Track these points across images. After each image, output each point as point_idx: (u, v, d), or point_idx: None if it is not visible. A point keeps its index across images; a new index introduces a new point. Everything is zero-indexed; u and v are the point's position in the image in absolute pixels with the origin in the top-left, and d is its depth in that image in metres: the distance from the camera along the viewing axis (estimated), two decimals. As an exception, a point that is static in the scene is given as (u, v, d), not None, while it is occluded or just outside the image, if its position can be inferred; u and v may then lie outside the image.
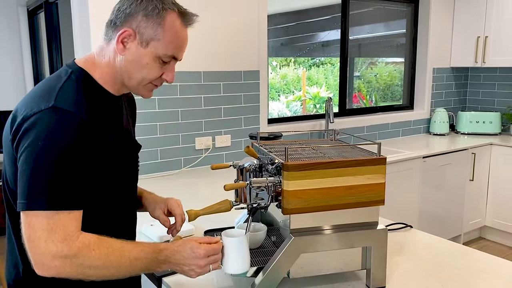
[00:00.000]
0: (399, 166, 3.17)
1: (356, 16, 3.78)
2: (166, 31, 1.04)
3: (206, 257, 1.06)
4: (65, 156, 0.93)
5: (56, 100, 0.96)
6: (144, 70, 1.06)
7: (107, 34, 1.08)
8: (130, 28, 1.03)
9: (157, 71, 1.07)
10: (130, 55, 1.05)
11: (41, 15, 4.19)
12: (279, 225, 1.39)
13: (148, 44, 1.04)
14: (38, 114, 0.94)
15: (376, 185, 1.22)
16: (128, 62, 1.06)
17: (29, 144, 0.93)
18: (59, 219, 0.92)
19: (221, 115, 2.89)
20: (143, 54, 1.05)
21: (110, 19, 1.07)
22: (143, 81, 1.08)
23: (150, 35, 1.03)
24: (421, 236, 1.68)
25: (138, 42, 1.04)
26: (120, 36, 1.03)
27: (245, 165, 1.32)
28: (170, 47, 1.06)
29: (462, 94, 4.48)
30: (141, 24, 1.03)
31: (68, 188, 0.94)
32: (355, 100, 4.08)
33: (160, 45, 1.04)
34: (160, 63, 1.07)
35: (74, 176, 0.95)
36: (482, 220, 3.89)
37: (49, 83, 1.03)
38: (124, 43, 1.04)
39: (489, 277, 1.35)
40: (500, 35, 3.84)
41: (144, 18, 1.03)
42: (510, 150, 3.67)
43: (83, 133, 0.96)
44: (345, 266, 1.27)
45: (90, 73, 1.07)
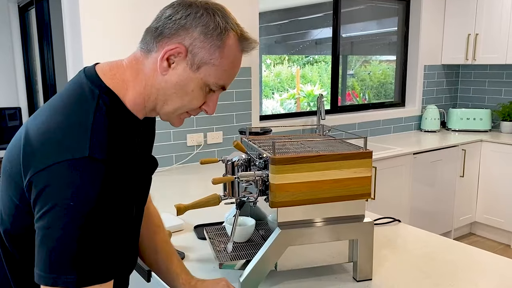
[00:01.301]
0: (390, 162, 3.19)
1: (348, 14, 3.80)
2: (224, 57, 0.87)
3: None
4: (101, 218, 0.74)
5: (91, 147, 0.76)
6: (186, 98, 0.88)
7: (147, 43, 0.88)
8: (182, 45, 0.84)
9: (200, 100, 0.90)
10: (175, 76, 0.86)
11: (32, 11, 4.17)
12: (267, 219, 1.41)
13: (200, 68, 0.86)
14: (69, 163, 0.74)
15: (362, 179, 1.24)
16: (170, 85, 0.87)
17: (58, 202, 0.73)
18: None
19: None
20: (190, 78, 0.86)
21: (154, 26, 0.87)
22: (180, 109, 0.90)
23: (204, 58, 0.85)
24: (409, 230, 1.70)
25: (188, 63, 0.86)
26: (167, 52, 0.85)
27: (233, 160, 1.33)
28: (224, 76, 0.89)
29: (453, 91, 4.52)
30: (196, 42, 0.85)
31: (104, 256, 0.76)
32: (349, 98, 4.10)
33: (214, 72, 0.87)
34: (206, 92, 0.90)
35: (111, 239, 0.77)
36: (472, 216, 3.93)
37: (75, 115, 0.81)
38: (170, 61, 0.86)
39: (477, 271, 1.37)
40: (491, 32, 3.88)
41: (201, 36, 0.85)
42: (500, 147, 3.71)
43: (116, 182, 0.77)
44: (332, 259, 1.28)
45: (120, 97, 0.86)
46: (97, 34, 2.39)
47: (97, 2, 2.39)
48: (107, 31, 2.41)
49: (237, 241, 1.38)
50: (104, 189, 0.75)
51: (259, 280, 1.21)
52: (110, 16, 2.41)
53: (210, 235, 1.45)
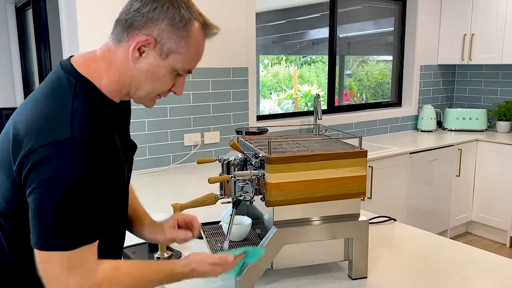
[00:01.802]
0: (387, 162, 3.21)
1: (344, 14, 3.81)
2: (190, 45, 0.95)
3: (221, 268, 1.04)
4: (83, 192, 0.85)
5: (73, 129, 0.85)
6: (158, 83, 0.97)
7: (118, 34, 0.96)
8: (151, 36, 0.92)
9: (170, 83, 0.99)
10: (146, 65, 0.95)
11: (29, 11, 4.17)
12: (263, 218, 1.42)
13: (168, 56, 0.94)
14: (51, 145, 0.83)
15: (357, 178, 1.25)
16: (142, 72, 0.95)
17: (44, 181, 0.83)
18: (78, 255, 0.86)
19: (210, 112, 2.91)
20: (160, 66, 0.95)
21: (124, 18, 0.94)
22: (152, 92, 0.99)
23: (172, 47, 0.94)
24: (405, 229, 1.71)
25: (157, 53, 0.94)
26: (138, 43, 0.93)
27: (230, 159, 1.34)
28: (190, 61, 0.98)
29: (449, 91, 4.54)
30: (164, 33, 0.93)
31: (87, 223, 0.87)
32: (346, 98, 4.11)
33: (181, 59, 0.96)
34: (174, 76, 0.99)
35: (93, 210, 0.88)
36: (469, 215, 3.95)
37: (54, 103, 0.90)
38: (141, 51, 0.94)
39: (473, 270, 1.38)
40: (486, 33, 3.90)
41: (168, 27, 0.93)
42: (495, 146, 3.73)
43: (98, 161, 0.87)
44: (328, 257, 1.30)
45: (95, 84, 0.94)
46: (94, 35, 2.40)
47: (95, 3, 2.40)
48: (104, 32, 2.42)
49: (234, 240, 1.39)
50: (87, 166, 0.84)
51: (255, 278, 1.22)
52: (107, 17, 2.41)
53: (207, 234, 1.46)
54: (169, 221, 1.22)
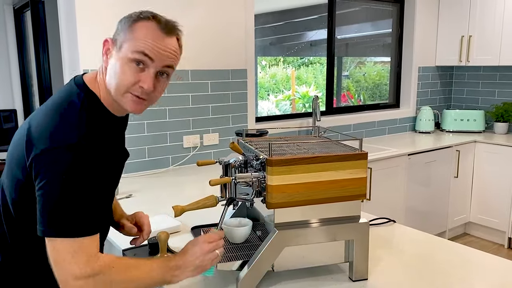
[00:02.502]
0: (385, 163, 3.22)
1: (342, 15, 3.82)
2: (136, 30, 1.05)
3: (209, 242, 1.13)
4: (87, 188, 0.98)
5: (78, 136, 0.99)
6: (120, 76, 1.05)
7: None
8: (110, 38, 1.09)
9: (130, 74, 1.05)
10: (110, 63, 1.08)
11: (27, 13, 4.16)
12: (264, 220, 1.42)
13: (121, 47, 1.06)
14: (61, 149, 0.97)
15: (358, 180, 1.25)
16: (108, 71, 1.08)
17: (52, 177, 0.96)
18: (82, 243, 0.98)
19: (209, 114, 2.91)
20: (117, 58, 1.06)
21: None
22: (120, 88, 1.06)
23: (122, 38, 1.06)
24: (404, 230, 1.72)
25: (115, 49, 1.07)
26: (103, 48, 1.09)
27: (230, 161, 1.34)
28: (139, 44, 1.04)
29: (447, 92, 4.55)
30: (118, 31, 1.08)
31: (91, 215, 1.00)
32: (344, 99, 4.12)
33: (130, 44, 1.05)
34: (135, 68, 1.05)
35: (96, 203, 1.01)
36: (467, 216, 3.96)
37: (65, 112, 1.03)
38: (108, 54, 1.08)
39: (471, 271, 1.39)
40: (484, 34, 3.91)
41: (119, 26, 1.08)
42: (493, 148, 3.74)
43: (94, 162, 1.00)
44: (329, 259, 1.30)
45: (97, 94, 1.09)
46: (93, 36, 2.40)
47: (94, 4, 2.40)
48: (103, 33, 2.41)
49: (235, 242, 1.39)
50: (86, 167, 0.98)
51: (256, 280, 1.22)
52: (106, 18, 2.41)
53: (207, 236, 1.46)
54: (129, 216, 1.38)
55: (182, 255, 1.12)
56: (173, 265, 1.09)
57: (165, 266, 1.08)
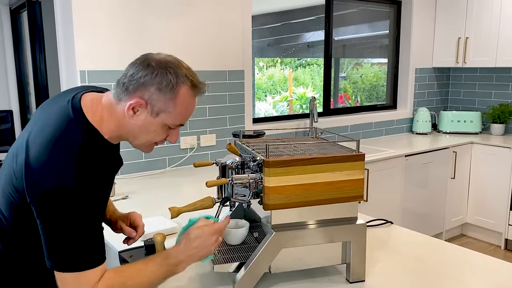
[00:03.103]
0: (382, 164, 3.22)
1: (340, 17, 3.83)
2: (177, 105, 1.08)
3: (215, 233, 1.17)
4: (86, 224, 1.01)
5: (77, 178, 0.99)
6: (151, 135, 1.12)
7: (117, 94, 1.10)
8: (142, 99, 1.07)
9: (163, 135, 1.14)
10: (139, 121, 1.09)
11: (24, 14, 4.15)
12: (261, 221, 1.42)
13: (158, 115, 1.09)
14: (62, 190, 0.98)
15: (355, 181, 1.25)
16: (136, 127, 1.10)
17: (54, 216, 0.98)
18: (85, 276, 1.02)
19: (206, 115, 2.91)
20: (152, 122, 1.10)
21: (122, 81, 1.09)
22: (147, 142, 1.15)
23: (161, 107, 1.08)
24: (401, 231, 1.71)
25: (148, 112, 1.08)
26: (131, 105, 1.07)
27: (227, 162, 1.34)
28: (179, 118, 1.11)
29: (444, 94, 4.56)
30: (154, 96, 1.07)
31: (91, 248, 1.03)
32: (341, 100, 4.13)
33: (170, 117, 1.10)
34: (167, 129, 1.13)
35: (95, 235, 1.04)
36: (464, 218, 3.96)
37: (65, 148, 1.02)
38: (135, 110, 1.08)
39: (468, 272, 1.39)
40: (480, 36, 3.92)
41: (157, 91, 1.06)
42: (490, 149, 3.75)
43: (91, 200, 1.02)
44: (326, 261, 1.29)
45: (99, 129, 1.09)
46: (89, 36, 2.39)
47: (90, 5, 2.39)
48: (100, 34, 2.41)
49: (231, 244, 1.39)
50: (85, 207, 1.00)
51: (253, 282, 1.22)
52: (102, 19, 2.41)
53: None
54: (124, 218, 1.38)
55: (185, 248, 1.14)
56: (173, 262, 1.12)
57: (165, 265, 1.11)
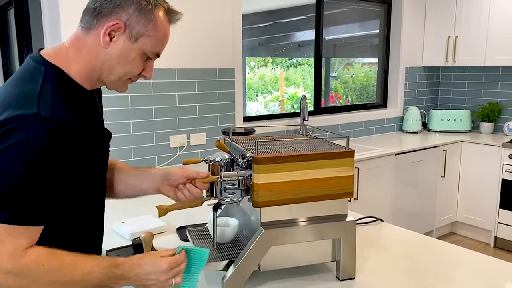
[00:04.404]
0: (373, 163, 3.22)
1: (330, 16, 3.82)
2: (157, 28, 1.01)
3: (169, 271, 0.99)
4: (37, 168, 0.87)
5: (39, 107, 0.88)
6: (129, 66, 1.01)
7: (87, 22, 0.99)
8: (121, 20, 0.97)
9: (140, 67, 1.04)
10: (116, 49, 0.99)
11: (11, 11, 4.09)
12: (251, 219, 1.40)
13: (137, 40, 0.99)
14: (19, 120, 0.86)
15: (344, 178, 1.24)
16: (113, 56, 0.99)
17: (6, 148, 0.86)
18: (13, 232, 0.86)
19: (196, 113, 2.88)
20: (130, 49, 1.00)
21: (92, 6, 0.98)
22: (124, 76, 1.03)
23: (140, 30, 0.99)
24: (392, 229, 1.71)
25: (127, 36, 0.98)
26: (109, 28, 0.97)
27: (216, 160, 1.32)
28: (158, 44, 1.03)
29: (434, 92, 4.59)
30: (133, 18, 0.98)
31: (34, 202, 0.88)
32: (332, 100, 4.12)
33: (150, 42, 1.01)
34: (144, 60, 1.03)
35: (45, 190, 0.89)
36: (454, 216, 3.98)
37: (25, 86, 0.93)
38: (111, 36, 0.98)
39: (458, 269, 1.39)
40: (470, 35, 3.95)
41: (136, 12, 0.98)
42: (479, 147, 3.77)
43: (63, 141, 0.90)
44: (316, 258, 1.28)
45: (64, 70, 0.98)
46: (77, 34, 2.36)
47: (77, 2, 2.35)
48: (88, 32, 2.38)
49: (221, 242, 1.37)
50: (49, 145, 0.87)
51: (243, 280, 1.20)
52: (91, 16, 2.38)
53: (193, 236, 1.44)
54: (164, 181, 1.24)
55: (135, 267, 0.97)
56: (119, 274, 0.95)
57: (109, 272, 0.94)
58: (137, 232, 1.53)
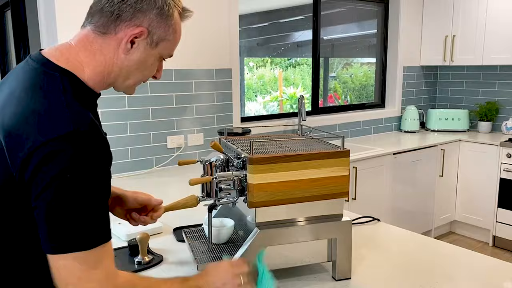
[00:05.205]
0: (371, 162, 3.22)
1: (328, 16, 3.82)
2: (175, 32, 0.99)
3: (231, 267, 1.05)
4: (95, 185, 0.82)
5: (74, 122, 0.81)
6: (146, 71, 1.00)
7: (102, 26, 0.93)
8: (143, 26, 0.93)
9: (155, 69, 1.02)
10: (136, 55, 0.95)
11: (8, 13, 4.09)
12: (246, 219, 1.40)
13: (158, 45, 0.97)
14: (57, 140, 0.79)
15: (340, 178, 1.24)
16: (133, 62, 0.96)
17: (54, 179, 0.78)
18: (97, 255, 0.83)
19: (193, 114, 2.88)
20: (150, 54, 0.97)
21: (108, 10, 0.92)
22: (140, 81, 1.01)
23: (161, 35, 0.96)
24: (388, 229, 1.71)
25: (148, 42, 0.95)
26: (132, 36, 0.93)
27: (211, 160, 1.32)
28: (174, 47, 1.02)
29: (432, 92, 4.58)
30: (154, 23, 0.94)
31: (101, 219, 0.84)
32: (331, 100, 4.12)
33: (169, 46, 0.99)
34: (159, 61, 1.02)
35: (104, 204, 0.85)
36: (452, 215, 3.98)
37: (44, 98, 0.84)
38: (133, 43, 0.94)
39: (456, 269, 1.38)
40: (467, 34, 3.95)
41: (158, 17, 0.94)
42: (477, 146, 3.77)
43: (102, 151, 0.85)
44: (312, 259, 1.28)
45: (79, 77, 0.91)
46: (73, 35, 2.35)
47: (73, 3, 2.35)
48: (84, 32, 2.38)
49: (216, 243, 1.37)
50: (93, 158, 0.82)
51: (238, 281, 1.20)
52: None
53: (189, 237, 1.43)
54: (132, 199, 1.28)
55: (204, 275, 1.03)
56: (192, 284, 0.99)
57: (185, 286, 0.98)
58: (133, 233, 1.52)
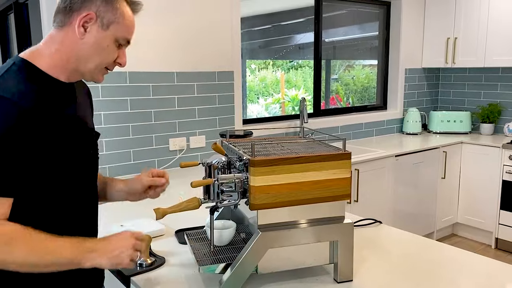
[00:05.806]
0: (373, 164, 3.22)
1: (329, 18, 3.83)
2: (124, 15, 1.10)
3: (132, 236, 1.10)
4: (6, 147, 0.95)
5: (12, 92, 0.98)
6: (104, 53, 1.10)
7: (60, 21, 1.08)
8: (91, 11, 1.06)
9: (114, 54, 1.12)
10: (91, 38, 1.08)
11: (11, 16, 4.11)
12: (248, 221, 1.40)
13: (109, 27, 1.08)
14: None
15: (341, 180, 1.24)
16: (89, 45, 1.08)
17: None
18: None
19: (196, 116, 2.89)
20: (104, 36, 1.08)
21: (63, 6, 1.08)
22: (100, 64, 1.11)
23: (110, 18, 1.08)
24: (390, 231, 1.71)
25: (99, 25, 1.07)
26: (82, 20, 1.06)
27: (213, 162, 1.32)
28: (128, 30, 1.12)
29: (434, 94, 4.58)
30: (101, 8, 1.07)
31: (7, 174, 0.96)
32: (333, 102, 4.13)
33: (120, 28, 1.10)
34: (117, 47, 1.12)
35: (7, 162, 0.96)
36: (454, 217, 3.98)
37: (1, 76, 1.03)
38: (85, 27, 1.07)
39: (458, 271, 1.38)
40: (469, 36, 3.95)
41: (103, 2, 1.07)
42: (480, 148, 3.77)
43: (23, 120, 0.97)
44: (313, 261, 1.28)
45: (33, 63, 1.07)
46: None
47: (77, 6, 2.37)
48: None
49: (218, 245, 1.37)
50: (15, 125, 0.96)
51: (240, 283, 1.20)
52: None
53: (191, 239, 1.44)
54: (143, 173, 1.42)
55: (102, 240, 1.08)
56: (88, 246, 1.03)
57: (78, 246, 1.02)
58: (136, 235, 1.52)
